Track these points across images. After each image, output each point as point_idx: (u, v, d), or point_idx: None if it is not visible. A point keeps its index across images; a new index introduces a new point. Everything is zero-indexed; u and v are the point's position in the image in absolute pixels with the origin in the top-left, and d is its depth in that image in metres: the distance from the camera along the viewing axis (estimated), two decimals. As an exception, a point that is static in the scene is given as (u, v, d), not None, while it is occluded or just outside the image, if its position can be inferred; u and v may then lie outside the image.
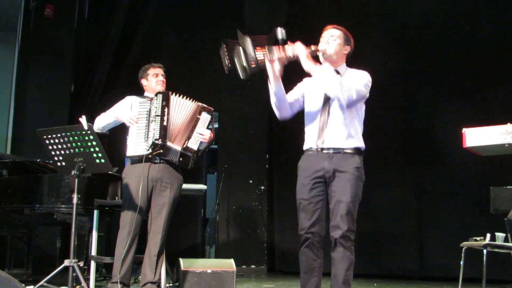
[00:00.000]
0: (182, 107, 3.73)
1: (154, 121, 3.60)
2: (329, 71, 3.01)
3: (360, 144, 3.08)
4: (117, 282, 3.53)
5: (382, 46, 6.90)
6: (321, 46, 3.06)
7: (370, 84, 3.11)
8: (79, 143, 3.37)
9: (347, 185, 2.94)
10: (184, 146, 3.64)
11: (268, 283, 5.90)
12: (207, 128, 3.77)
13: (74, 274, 3.39)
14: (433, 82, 6.53)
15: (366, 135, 3.22)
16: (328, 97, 3.04)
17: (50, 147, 3.44)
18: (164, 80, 3.94)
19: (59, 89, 6.68)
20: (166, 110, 3.63)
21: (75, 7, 6.83)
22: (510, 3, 6.15)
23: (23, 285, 1.96)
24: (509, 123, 3.48)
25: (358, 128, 3.09)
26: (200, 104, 3.80)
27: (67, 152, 3.42)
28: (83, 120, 3.40)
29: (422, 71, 6.63)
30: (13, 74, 6.64)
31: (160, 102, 3.66)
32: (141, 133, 3.60)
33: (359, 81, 3.04)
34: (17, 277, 2.34)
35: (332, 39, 3.12)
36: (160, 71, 3.96)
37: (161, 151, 3.58)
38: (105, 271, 5.36)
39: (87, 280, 4.15)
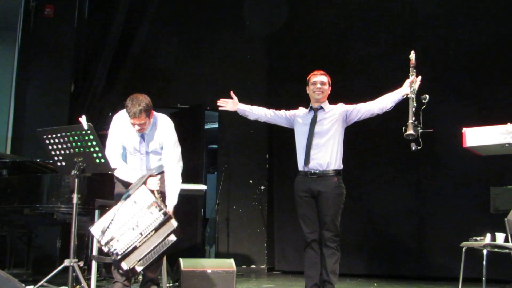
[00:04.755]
0: None
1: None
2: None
3: (339, 167, 3.89)
4: (117, 282, 3.55)
5: (382, 46, 6.89)
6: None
7: None
8: (79, 143, 3.37)
9: (330, 202, 3.81)
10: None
11: (268, 283, 5.90)
12: None
13: (74, 274, 3.39)
14: (433, 82, 6.51)
15: (366, 134, 3.36)
16: (313, 127, 3.90)
17: (50, 147, 3.44)
18: (142, 126, 3.60)
19: (59, 89, 6.68)
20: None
21: (75, 7, 6.82)
22: (510, 4, 6.15)
23: (23, 285, 1.96)
24: (509, 123, 3.48)
25: (338, 152, 3.89)
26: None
27: (67, 152, 3.42)
28: (83, 120, 3.39)
29: (422, 71, 6.60)
30: (13, 74, 6.63)
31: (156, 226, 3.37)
32: (128, 223, 3.38)
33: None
34: (17, 277, 2.34)
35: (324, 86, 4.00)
36: (136, 121, 3.56)
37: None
38: (105, 271, 5.36)
39: (87, 280, 4.16)
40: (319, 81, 3.98)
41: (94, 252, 4.13)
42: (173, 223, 3.38)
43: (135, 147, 3.71)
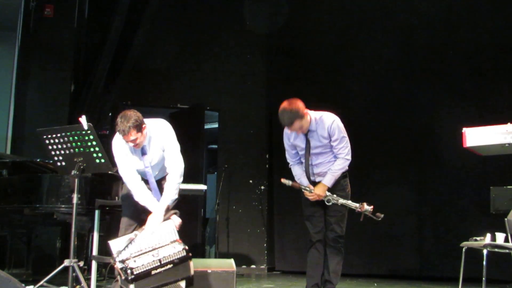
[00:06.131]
0: None
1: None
2: (326, 182, 3.86)
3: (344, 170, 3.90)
4: (118, 281, 3.55)
5: (382, 47, 6.89)
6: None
7: (343, 130, 3.89)
8: (79, 143, 3.37)
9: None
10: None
11: (268, 283, 5.90)
12: None
13: (74, 274, 3.39)
14: (433, 82, 6.52)
15: (366, 135, 3.35)
16: (308, 152, 3.89)
17: (50, 147, 3.44)
18: (134, 142, 3.55)
19: (59, 89, 6.67)
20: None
21: (75, 7, 6.82)
22: (510, 3, 6.15)
23: (23, 285, 1.96)
24: (509, 123, 3.49)
25: None
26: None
27: (67, 152, 3.42)
28: (83, 120, 3.39)
29: (423, 71, 6.62)
30: (13, 74, 6.62)
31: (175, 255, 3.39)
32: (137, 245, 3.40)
33: (342, 145, 3.87)
34: (17, 277, 2.34)
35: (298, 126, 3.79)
36: (126, 139, 3.54)
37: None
38: (105, 271, 5.36)
39: (87, 280, 4.15)
40: (294, 131, 3.86)
41: (94, 252, 4.13)
42: (191, 268, 3.39)
43: (139, 165, 3.71)
